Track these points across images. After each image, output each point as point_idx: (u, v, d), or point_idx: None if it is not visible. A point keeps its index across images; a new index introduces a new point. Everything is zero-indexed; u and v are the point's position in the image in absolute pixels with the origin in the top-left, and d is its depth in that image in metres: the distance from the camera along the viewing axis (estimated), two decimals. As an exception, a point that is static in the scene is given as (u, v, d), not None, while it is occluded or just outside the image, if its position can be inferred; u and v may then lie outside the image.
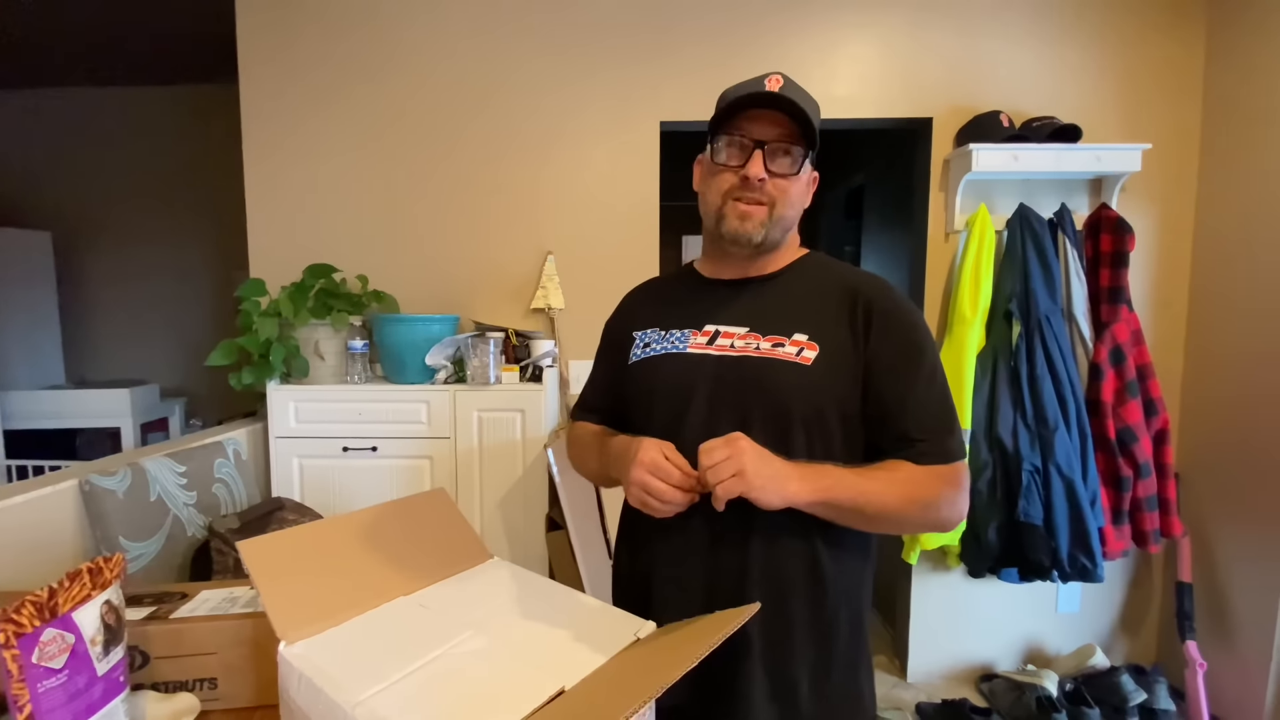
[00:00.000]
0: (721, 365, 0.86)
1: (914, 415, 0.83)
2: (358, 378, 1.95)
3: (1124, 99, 2.11)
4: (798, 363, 0.83)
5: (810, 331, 0.85)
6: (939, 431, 0.83)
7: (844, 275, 0.90)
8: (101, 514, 1.35)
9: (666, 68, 2.12)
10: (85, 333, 3.45)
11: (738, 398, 0.84)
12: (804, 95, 0.86)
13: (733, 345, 0.87)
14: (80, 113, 3.35)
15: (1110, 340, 1.98)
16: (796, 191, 0.88)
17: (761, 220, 0.86)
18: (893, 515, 0.80)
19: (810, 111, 0.85)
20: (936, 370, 0.86)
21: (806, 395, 0.83)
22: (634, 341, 0.96)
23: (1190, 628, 2.02)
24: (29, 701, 0.62)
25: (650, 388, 0.91)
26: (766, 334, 0.86)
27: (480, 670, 0.65)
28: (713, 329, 0.89)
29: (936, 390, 0.85)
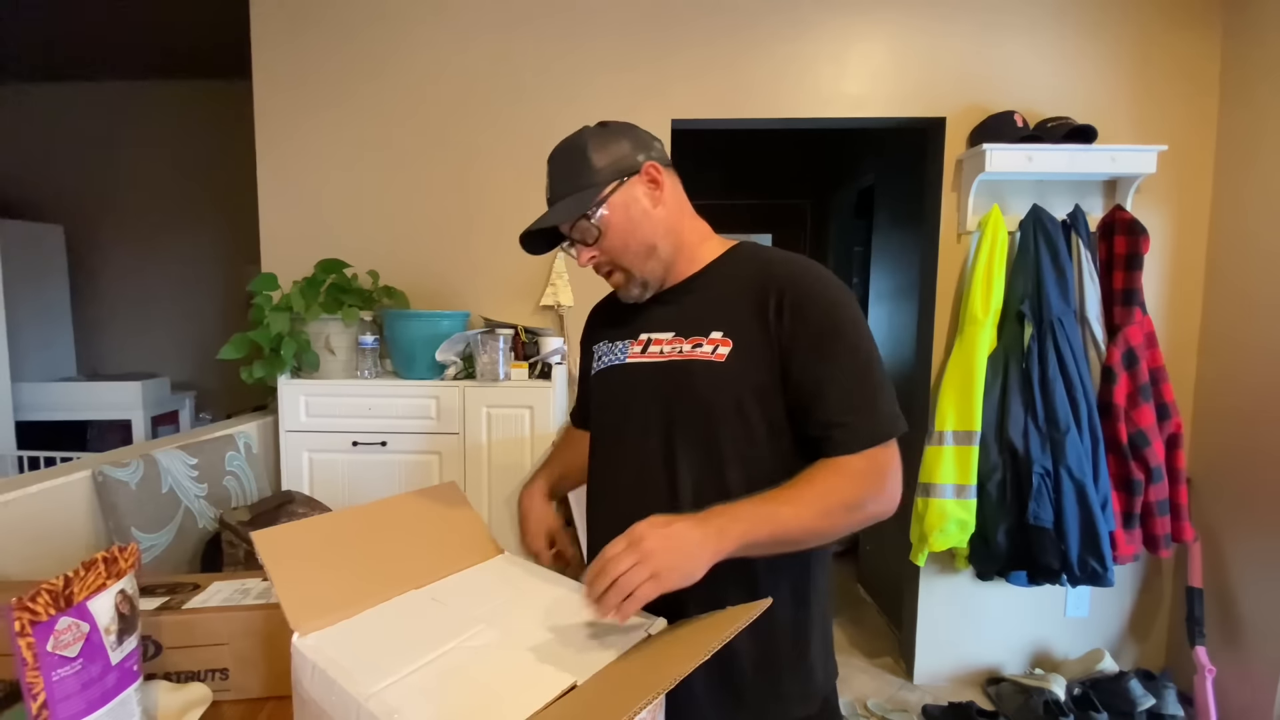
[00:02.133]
0: (652, 372, 0.90)
1: (830, 399, 0.82)
2: (368, 373, 1.95)
3: (1139, 100, 2.09)
4: (713, 360, 0.85)
5: (725, 328, 0.86)
6: (857, 412, 0.81)
7: (762, 265, 0.89)
8: (114, 505, 1.36)
9: (677, 65, 2.11)
10: (97, 325, 3.48)
11: (665, 401, 0.88)
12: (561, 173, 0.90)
13: (661, 351, 0.90)
14: (93, 107, 3.37)
15: (1123, 343, 1.96)
16: (619, 234, 0.88)
17: (625, 281, 0.93)
18: (819, 531, 0.78)
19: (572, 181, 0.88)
20: (857, 351, 0.83)
21: (723, 391, 0.84)
22: (593, 355, 1.04)
23: (1200, 633, 2.00)
24: (43, 689, 0.62)
25: (600, 398, 0.99)
26: (688, 336, 0.89)
27: (492, 665, 0.65)
28: (646, 337, 0.93)
29: (855, 370, 0.82)
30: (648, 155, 0.90)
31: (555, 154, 0.92)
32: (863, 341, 0.84)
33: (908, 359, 2.46)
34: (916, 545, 2.06)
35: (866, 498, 0.80)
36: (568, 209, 0.88)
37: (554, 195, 0.91)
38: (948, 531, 1.95)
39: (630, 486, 0.91)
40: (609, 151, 0.88)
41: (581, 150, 0.89)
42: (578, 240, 0.90)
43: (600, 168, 0.88)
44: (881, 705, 2.14)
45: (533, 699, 0.58)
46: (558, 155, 0.92)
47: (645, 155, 0.90)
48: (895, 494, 0.82)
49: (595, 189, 0.87)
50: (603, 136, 0.90)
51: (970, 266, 2.04)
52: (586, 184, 0.87)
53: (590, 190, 0.87)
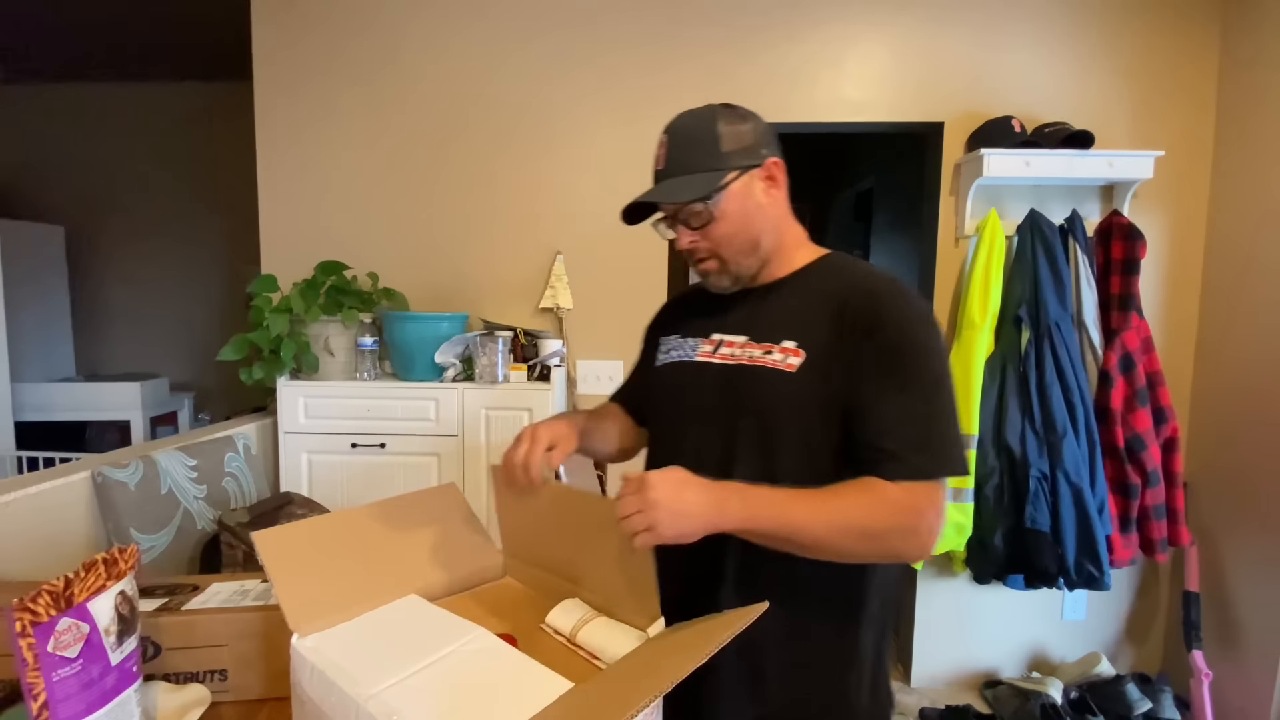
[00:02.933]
0: (719, 374, 0.89)
1: (882, 424, 0.78)
2: (367, 374, 1.96)
3: (1137, 106, 2.10)
4: (781, 369, 0.83)
5: (799, 338, 0.84)
6: (908, 443, 0.76)
7: (847, 279, 0.86)
8: (113, 505, 1.36)
9: (678, 68, 2.12)
10: (96, 326, 3.48)
11: (728, 405, 0.87)
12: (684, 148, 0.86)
13: (732, 354, 0.89)
14: (94, 108, 3.38)
15: (1120, 348, 1.97)
16: (731, 224, 0.86)
17: (718, 269, 0.89)
18: (828, 545, 0.75)
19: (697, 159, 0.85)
20: (921, 378, 0.79)
21: (787, 402, 0.82)
22: (659, 345, 1.01)
23: (1197, 637, 2.01)
24: (44, 690, 0.63)
25: (662, 391, 0.97)
26: (760, 341, 0.87)
27: (491, 667, 0.65)
28: (718, 338, 0.92)
29: (916, 399, 0.78)
30: (770, 150, 0.88)
31: (679, 127, 0.87)
32: (931, 370, 0.79)
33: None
34: (914, 548, 2.06)
35: (890, 530, 0.75)
36: (688, 188, 0.84)
37: (671, 169, 0.86)
38: (945, 535, 1.96)
39: None
40: (737, 137, 0.85)
41: (710, 129, 0.85)
42: (684, 221, 0.87)
43: (727, 152, 0.84)
44: (879, 708, 2.14)
45: (531, 701, 0.59)
46: (682, 128, 0.87)
47: (769, 150, 0.87)
48: (927, 538, 0.76)
49: (719, 173, 0.84)
50: (732, 119, 0.86)
51: (968, 270, 2.05)
52: (710, 166, 0.84)
53: (714, 174, 0.84)
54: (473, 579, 0.89)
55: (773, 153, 0.88)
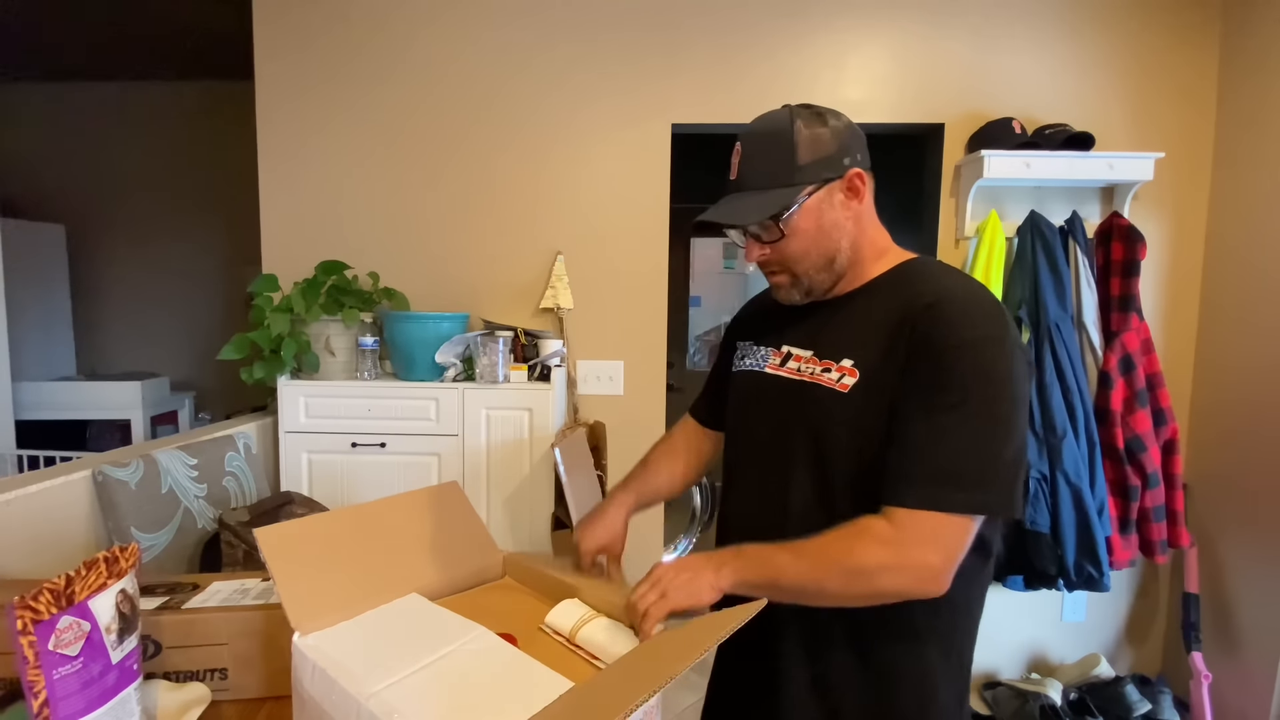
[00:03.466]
0: (783, 388, 0.87)
1: (906, 445, 0.73)
2: (368, 374, 1.96)
3: (1137, 107, 2.11)
4: (835, 389, 0.80)
5: (857, 357, 0.80)
6: (931, 469, 0.71)
7: (914, 290, 0.80)
8: (113, 504, 1.36)
9: (677, 70, 2.12)
10: (96, 325, 3.48)
11: (787, 421, 0.85)
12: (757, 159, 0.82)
13: (797, 369, 0.86)
14: (94, 107, 3.38)
15: (1120, 349, 1.97)
16: (804, 241, 0.82)
17: (788, 283, 0.87)
18: (814, 588, 0.73)
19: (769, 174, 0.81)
20: (967, 405, 0.71)
21: (839, 422, 0.79)
22: (736, 350, 1.01)
23: (1196, 639, 2.01)
24: (45, 688, 0.63)
25: (735, 400, 0.97)
26: (823, 358, 0.84)
27: (492, 666, 0.65)
28: (786, 350, 0.90)
29: (956, 424, 0.71)
30: (853, 160, 0.83)
31: (754, 134, 0.83)
32: (984, 393, 0.72)
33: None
34: (914, 549, 2.06)
35: (876, 568, 0.70)
36: (759, 207, 0.80)
37: (744, 181, 0.82)
38: (945, 536, 1.96)
39: (751, 493, 0.92)
40: (816, 147, 0.80)
41: (787, 139, 0.80)
42: (754, 235, 0.84)
43: (803, 165, 0.80)
44: (878, 709, 2.14)
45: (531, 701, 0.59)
46: (757, 135, 0.83)
47: (850, 159, 0.82)
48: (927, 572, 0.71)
49: (793, 190, 0.80)
50: (812, 126, 0.81)
51: (968, 271, 2.05)
52: (784, 181, 0.80)
53: (787, 191, 0.80)
54: (473, 578, 0.90)
55: (856, 161, 0.83)
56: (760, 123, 0.84)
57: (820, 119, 0.82)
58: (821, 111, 0.84)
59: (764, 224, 0.81)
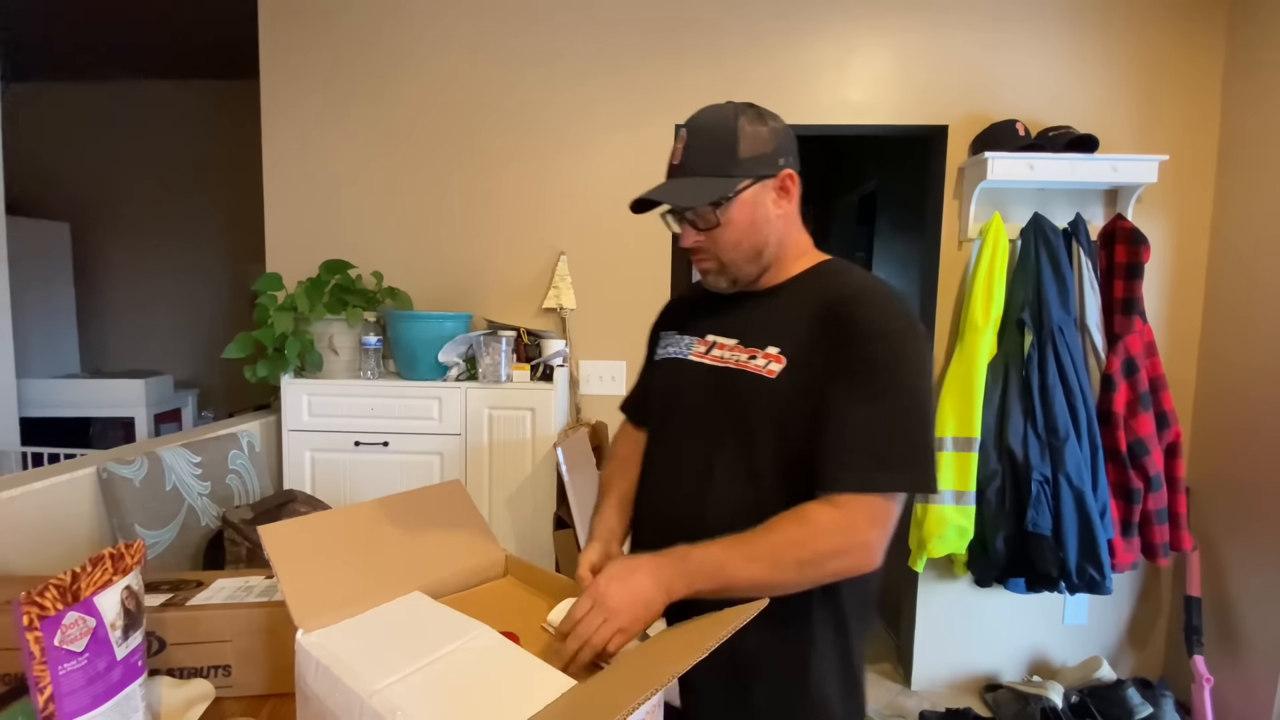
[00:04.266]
0: (707, 374, 0.90)
1: (841, 430, 0.77)
2: (371, 373, 1.96)
3: (1142, 110, 2.10)
4: (762, 375, 0.84)
5: (783, 345, 0.85)
6: (863, 455, 0.75)
7: (834, 287, 0.86)
8: (118, 501, 1.37)
9: (680, 70, 2.13)
10: (101, 323, 3.50)
11: (713, 406, 0.88)
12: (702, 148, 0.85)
13: (722, 357, 0.90)
14: (100, 106, 3.40)
15: (1123, 352, 1.97)
16: (737, 231, 0.86)
17: (716, 270, 0.91)
18: (773, 583, 0.74)
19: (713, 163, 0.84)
20: (891, 390, 0.77)
21: (766, 408, 0.83)
22: (659, 340, 1.04)
23: (1198, 642, 2.00)
24: (50, 683, 0.63)
25: (657, 388, 1.00)
26: (748, 346, 0.88)
27: (494, 664, 0.65)
28: (712, 339, 0.93)
29: (882, 411, 0.76)
30: (787, 161, 0.88)
31: (700, 125, 0.87)
32: (903, 382, 0.78)
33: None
34: (915, 551, 2.06)
35: (823, 554, 0.75)
36: (699, 192, 0.84)
37: (686, 167, 0.86)
38: (946, 538, 1.96)
39: (670, 481, 0.93)
40: (756, 144, 0.85)
41: (731, 133, 0.85)
42: (690, 221, 0.87)
43: (743, 159, 0.84)
44: (880, 711, 2.14)
45: (533, 698, 0.59)
46: (703, 128, 0.87)
47: (785, 160, 0.88)
48: (868, 551, 0.76)
49: (732, 181, 0.84)
50: (754, 124, 0.86)
51: (971, 274, 2.05)
52: (725, 172, 0.84)
53: (727, 181, 0.84)
54: (475, 576, 0.90)
55: (789, 163, 0.88)
56: (706, 114, 0.88)
57: (761, 119, 0.87)
58: (762, 112, 0.88)
59: (702, 210, 0.85)
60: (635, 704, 0.50)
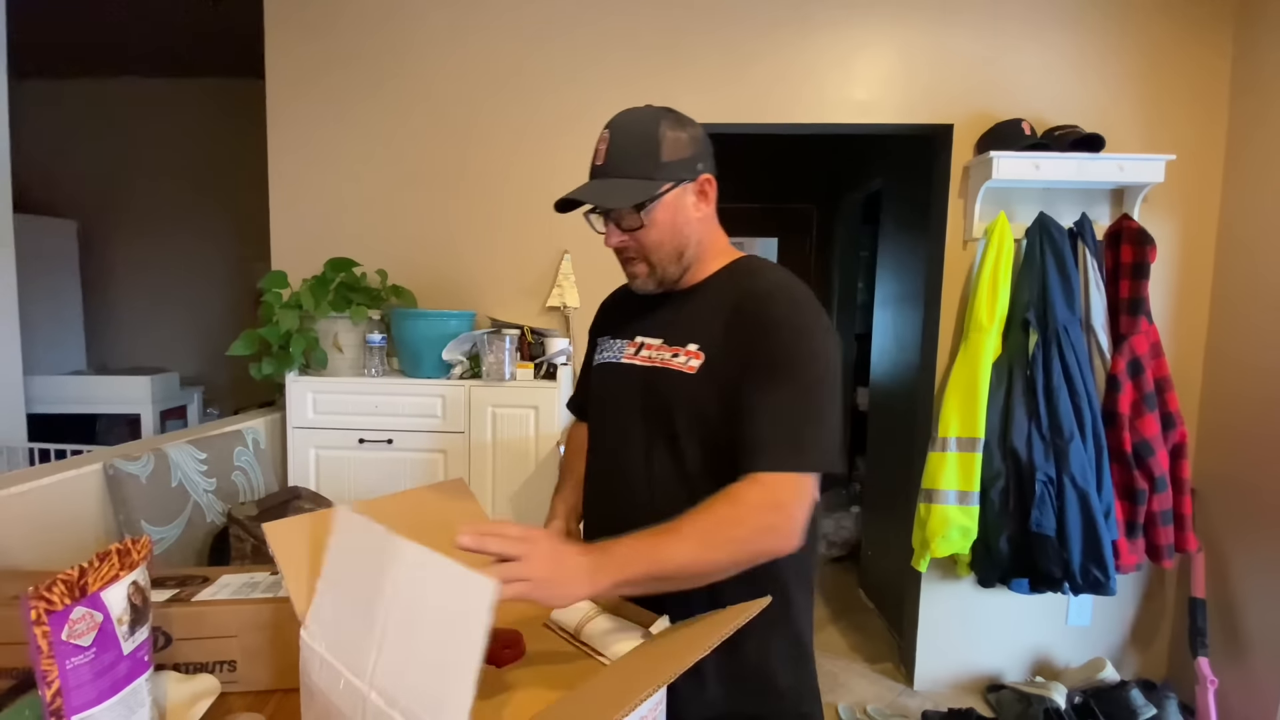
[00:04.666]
0: (637, 374, 0.94)
1: (756, 418, 0.80)
2: (375, 371, 1.97)
3: (1149, 109, 2.09)
4: (683, 371, 0.88)
5: (701, 341, 0.88)
6: (779, 438, 0.79)
7: (746, 283, 0.90)
8: (124, 498, 1.38)
9: (684, 69, 2.13)
10: (107, 320, 3.51)
11: (642, 406, 0.92)
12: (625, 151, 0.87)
13: (649, 356, 0.93)
14: (107, 104, 3.41)
15: (1129, 352, 1.96)
16: (660, 232, 0.89)
17: (645, 273, 0.94)
18: (701, 569, 0.74)
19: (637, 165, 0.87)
20: (800, 378, 0.81)
21: (687, 402, 0.87)
22: (597, 345, 1.07)
23: (1203, 644, 2.00)
24: (58, 677, 0.64)
25: (595, 390, 1.04)
26: (671, 344, 0.92)
27: (433, 591, 0.62)
28: (640, 340, 0.96)
29: (792, 398, 0.80)
30: (705, 166, 0.91)
31: (623, 127, 0.90)
32: (811, 371, 0.82)
33: (912, 365, 2.46)
34: (918, 551, 2.06)
35: (753, 533, 0.76)
36: (624, 194, 0.87)
37: (609, 169, 0.88)
38: (950, 538, 1.96)
39: (615, 472, 0.95)
40: (677, 147, 0.88)
41: (653, 137, 0.87)
42: (615, 221, 0.90)
43: (666, 163, 0.87)
44: (881, 711, 2.14)
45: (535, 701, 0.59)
46: (626, 131, 0.89)
47: (703, 165, 0.91)
48: (791, 533, 0.77)
49: (656, 184, 0.87)
50: (676, 129, 0.89)
51: (976, 273, 2.05)
52: (648, 174, 0.87)
53: (651, 184, 0.87)
54: (479, 574, 0.90)
55: (707, 168, 0.91)
56: (629, 117, 0.90)
57: (681, 124, 0.90)
58: (681, 118, 0.91)
59: (626, 212, 0.88)
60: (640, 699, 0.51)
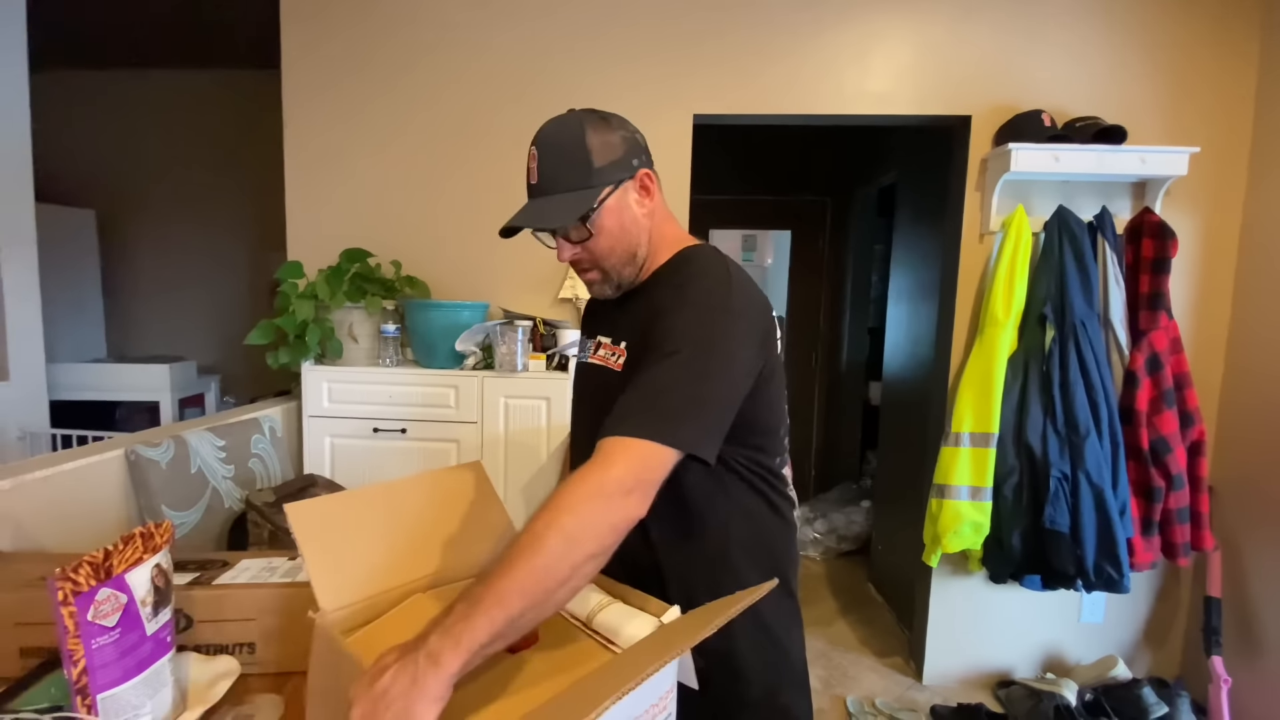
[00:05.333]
0: (591, 374, 0.97)
1: (630, 384, 0.77)
2: (389, 361, 1.99)
3: (1172, 101, 2.06)
4: (612, 369, 0.91)
5: (629, 336, 0.90)
6: (637, 403, 0.74)
7: (679, 272, 0.89)
8: (145, 483, 1.40)
9: (700, 60, 2.11)
10: (125, 309, 3.56)
11: (591, 404, 0.94)
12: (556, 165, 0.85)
13: (601, 356, 0.96)
14: (125, 94, 3.44)
15: (1147, 348, 1.94)
16: (609, 238, 0.88)
17: (600, 280, 0.94)
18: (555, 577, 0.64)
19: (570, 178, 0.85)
20: (681, 353, 0.77)
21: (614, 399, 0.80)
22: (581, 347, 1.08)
23: (1217, 643, 1.98)
24: (84, 656, 0.65)
25: (573, 391, 1.06)
26: (615, 343, 0.93)
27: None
28: (598, 340, 0.98)
29: (666, 370, 0.76)
30: (640, 160, 0.89)
31: (549, 141, 0.87)
32: (694, 347, 0.77)
33: (925, 360, 2.44)
34: (930, 546, 2.05)
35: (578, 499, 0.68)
36: (564, 211, 0.85)
37: (544, 186, 0.87)
38: (962, 533, 1.95)
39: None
40: (608, 149, 0.86)
41: (580, 145, 0.85)
42: (564, 235, 0.90)
43: (599, 168, 0.85)
44: (889, 704, 2.14)
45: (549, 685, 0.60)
46: (553, 144, 0.87)
47: (639, 160, 0.89)
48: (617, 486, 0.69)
49: (593, 191, 0.85)
50: (602, 131, 0.86)
51: (992, 267, 2.03)
52: (584, 184, 0.85)
53: (588, 192, 0.85)
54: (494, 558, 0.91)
55: (643, 162, 0.90)
56: (552, 130, 0.88)
57: (607, 124, 0.88)
58: (607, 116, 0.89)
59: (573, 224, 0.87)
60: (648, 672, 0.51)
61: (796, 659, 0.98)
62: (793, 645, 0.97)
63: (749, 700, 0.92)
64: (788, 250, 3.93)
